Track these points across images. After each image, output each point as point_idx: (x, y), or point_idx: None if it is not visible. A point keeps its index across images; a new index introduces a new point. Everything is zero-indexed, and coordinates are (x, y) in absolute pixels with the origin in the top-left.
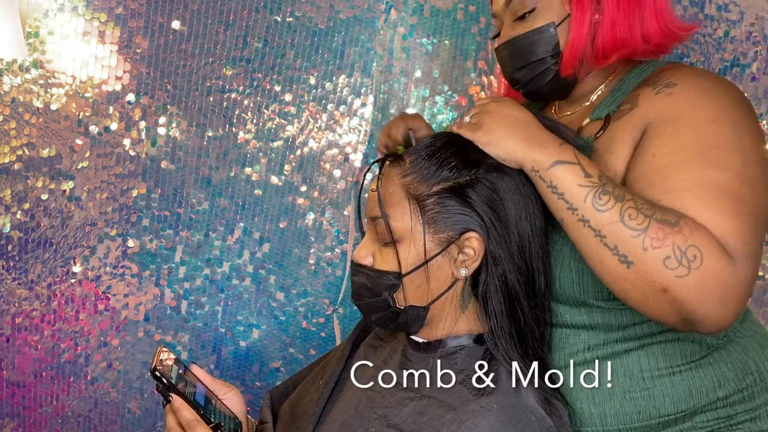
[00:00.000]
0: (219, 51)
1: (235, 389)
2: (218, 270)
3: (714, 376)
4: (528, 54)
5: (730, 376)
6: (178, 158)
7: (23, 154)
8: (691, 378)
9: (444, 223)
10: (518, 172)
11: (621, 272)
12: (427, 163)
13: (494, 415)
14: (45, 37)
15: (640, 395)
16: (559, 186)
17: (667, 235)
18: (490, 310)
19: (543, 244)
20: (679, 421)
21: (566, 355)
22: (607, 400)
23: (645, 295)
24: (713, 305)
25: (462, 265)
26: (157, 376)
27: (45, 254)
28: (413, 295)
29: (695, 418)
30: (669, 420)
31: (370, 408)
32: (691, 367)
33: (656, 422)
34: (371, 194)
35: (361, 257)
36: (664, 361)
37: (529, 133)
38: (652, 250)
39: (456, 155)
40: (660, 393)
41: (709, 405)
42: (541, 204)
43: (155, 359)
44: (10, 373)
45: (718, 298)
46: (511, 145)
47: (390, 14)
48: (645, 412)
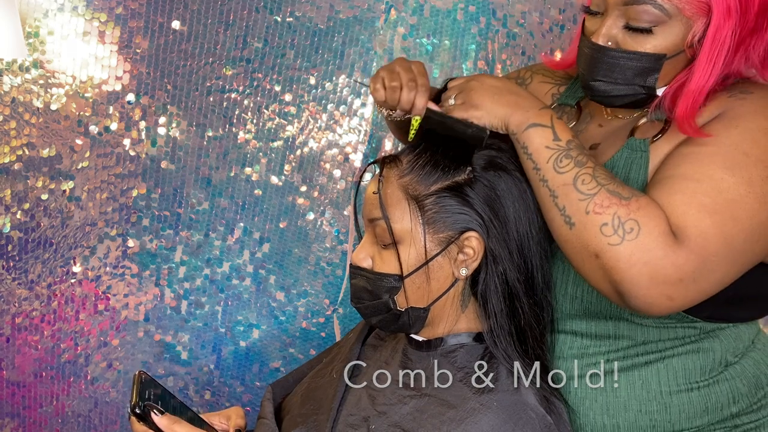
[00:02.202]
0: (219, 51)
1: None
2: (218, 270)
3: (729, 392)
4: (620, 73)
5: (744, 391)
6: (178, 158)
7: (23, 154)
8: (708, 394)
9: (443, 223)
10: (515, 168)
11: (564, 233)
12: (424, 162)
13: (494, 413)
14: (45, 37)
15: (656, 409)
16: (529, 147)
17: (611, 204)
18: (490, 309)
19: (541, 242)
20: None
21: (584, 365)
22: (622, 413)
23: (582, 258)
24: (641, 281)
25: (462, 265)
26: (139, 414)
27: (45, 254)
28: (414, 297)
29: (704, 429)
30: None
31: (371, 406)
32: (709, 383)
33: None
34: (371, 196)
35: (360, 260)
36: (684, 377)
37: (513, 98)
38: (593, 215)
39: (450, 152)
40: (677, 409)
41: (721, 421)
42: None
43: (134, 395)
44: (10, 373)
45: (647, 275)
46: (500, 110)
47: (390, 14)
48: (659, 426)
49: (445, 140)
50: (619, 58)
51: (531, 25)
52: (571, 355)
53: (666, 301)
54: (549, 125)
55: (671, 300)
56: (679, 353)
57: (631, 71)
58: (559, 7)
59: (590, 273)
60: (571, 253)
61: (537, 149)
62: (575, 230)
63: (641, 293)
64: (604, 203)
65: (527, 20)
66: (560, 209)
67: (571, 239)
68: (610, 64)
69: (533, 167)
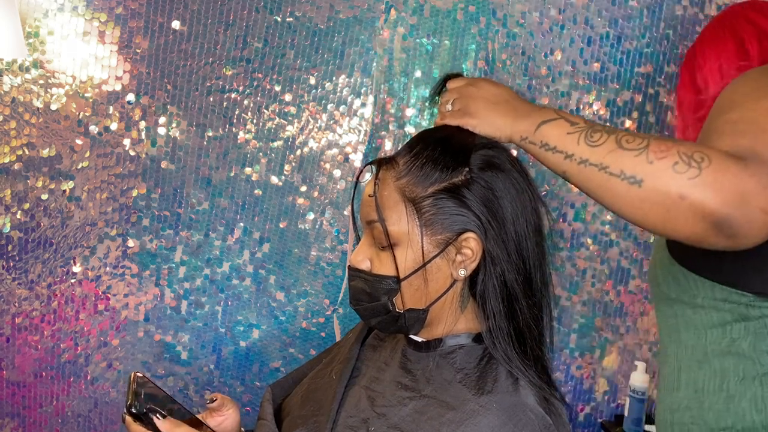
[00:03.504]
0: (219, 51)
1: (235, 405)
2: (218, 270)
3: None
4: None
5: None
6: (178, 158)
7: (23, 154)
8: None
9: (441, 225)
10: (513, 167)
11: (634, 194)
12: (420, 164)
13: (494, 414)
14: (45, 37)
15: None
16: (550, 142)
17: (670, 146)
18: (489, 309)
19: (539, 242)
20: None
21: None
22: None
23: (666, 209)
24: (735, 200)
25: (460, 266)
26: (135, 414)
27: (45, 254)
28: (412, 298)
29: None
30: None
31: (371, 407)
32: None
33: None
34: (367, 199)
35: (358, 262)
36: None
37: (511, 106)
38: (657, 161)
39: (447, 153)
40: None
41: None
42: (535, 201)
43: (130, 396)
44: (10, 373)
45: (738, 193)
46: (499, 122)
47: (390, 14)
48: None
49: (442, 141)
50: None
51: (531, 25)
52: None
53: (763, 216)
54: (558, 117)
55: (766, 213)
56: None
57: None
58: (559, 7)
59: (679, 220)
60: (650, 211)
61: (560, 139)
62: (647, 184)
63: (738, 214)
64: (662, 147)
65: (527, 20)
66: (618, 175)
67: (644, 196)
68: None
69: (564, 157)
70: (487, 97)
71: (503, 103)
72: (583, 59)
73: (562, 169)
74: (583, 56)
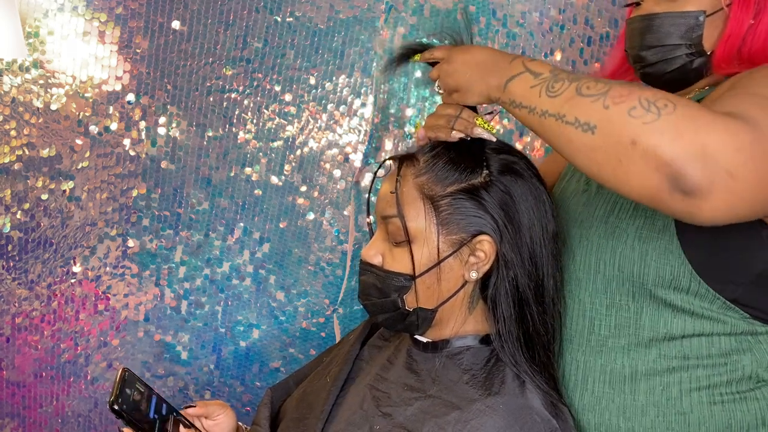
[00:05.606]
0: (219, 51)
1: (229, 410)
2: (218, 270)
3: (758, 413)
4: (665, 35)
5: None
6: (178, 158)
7: (23, 154)
8: (732, 410)
9: (457, 225)
10: (532, 175)
11: (587, 142)
12: (441, 163)
13: (500, 416)
14: (45, 37)
15: (674, 418)
16: (516, 98)
17: (631, 91)
18: (499, 313)
19: (553, 249)
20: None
21: (603, 362)
22: (638, 416)
23: (617, 158)
24: (694, 152)
25: (473, 268)
26: (116, 411)
27: (45, 254)
28: (423, 297)
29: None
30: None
31: (375, 406)
32: (735, 398)
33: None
34: (386, 194)
35: (371, 256)
36: (707, 388)
37: (483, 67)
38: (614, 106)
39: (467, 153)
40: (696, 420)
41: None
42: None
43: (115, 389)
44: (10, 373)
45: (700, 144)
46: (476, 86)
47: (390, 14)
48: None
49: (463, 142)
50: (661, 20)
51: (531, 25)
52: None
53: (727, 180)
54: (524, 70)
55: (732, 178)
56: (705, 364)
57: (674, 29)
58: (559, 7)
59: (630, 170)
60: (602, 159)
61: (523, 94)
62: (599, 131)
63: (699, 167)
64: (622, 93)
65: (527, 20)
66: (573, 123)
67: (597, 144)
68: (653, 27)
69: (528, 112)
70: (460, 69)
71: (475, 66)
72: (583, 59)
73: (529, 123)
74: (583, 56)
